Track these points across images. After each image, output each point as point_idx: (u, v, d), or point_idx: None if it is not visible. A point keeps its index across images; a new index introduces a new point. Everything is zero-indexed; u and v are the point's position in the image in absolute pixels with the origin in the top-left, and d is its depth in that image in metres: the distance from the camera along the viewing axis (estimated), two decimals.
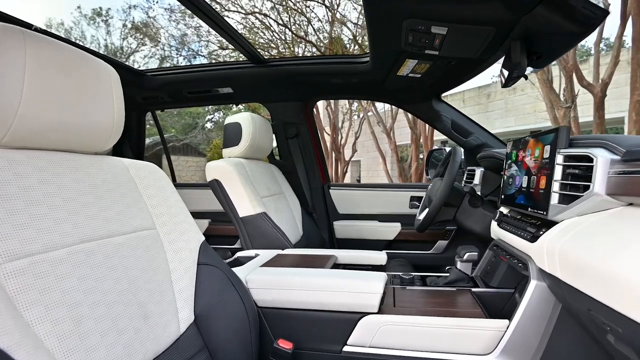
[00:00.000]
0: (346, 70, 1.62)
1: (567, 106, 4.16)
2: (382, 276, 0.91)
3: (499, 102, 9.65)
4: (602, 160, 0.67)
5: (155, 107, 2.16)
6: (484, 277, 1.09)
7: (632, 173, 0.62)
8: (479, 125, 1.78)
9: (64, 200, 0.60)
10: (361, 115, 11.13)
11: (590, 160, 0.69)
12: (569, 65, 4.12)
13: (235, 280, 0.88)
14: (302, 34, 7.95)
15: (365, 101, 9.52)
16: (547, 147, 0.83)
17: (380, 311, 0.86)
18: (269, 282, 0.93)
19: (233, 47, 8.38)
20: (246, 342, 0.81)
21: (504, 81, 1.09)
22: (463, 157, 1.79)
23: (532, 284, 0.79)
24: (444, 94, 1.82)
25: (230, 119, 1.61)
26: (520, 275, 0.98)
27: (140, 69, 1.86)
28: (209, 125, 16.74)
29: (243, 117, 1.58)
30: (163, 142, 2.40)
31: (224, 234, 2.15)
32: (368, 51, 1.39)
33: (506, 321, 0.80)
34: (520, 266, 0.88)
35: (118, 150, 2.13)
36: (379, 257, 1.25)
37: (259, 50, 1.62)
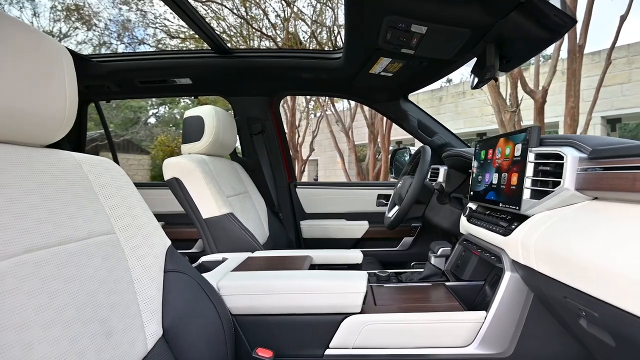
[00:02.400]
0: (317, 65, 1.60)
1: (512, 110, 4.54)
2: (363, 275, 0.91)
3: (449, 105, 10.29)
4: (572, 158, 0.72)
5: (100, 98, 1.97)
6: (455, 271, 1.14)
7: (598, 170, 0.67)
8: (442, 125, 1.86)
9: (8, 202, 0.51)
10: (319, 114, 11.22)
11: (561, 157, 0.74)
12: (514, 73, 4.50)
13: (207, 288, 0.82)
14: (256, 27, 7.80)
15: (323, 100, 9.61)
16: (519, 146, 0.88)
17: (362, 311, 0.86)
18: (244, 288, 0.89)
19: (183, 37, 8.04)
20: (221, 355, 0.76)
21: (474, 83, 1.15)
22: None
23: (507, 276, 0.83)
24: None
25: (191, 112, 1.51)
26: (490, 268, 1.03)
27: (83, 53, 1.68)
28: (152, 120, 15.79)
29: (206, 111, 1.49)
30: (108, 137, 2.19)
31: (181, 238, 2.02)
32: (339, 47, 1.39)
33: (483, 313, 0.83)
34: (493, 259, 0.93)
35: (54, 146, 1.91)
36: (355, 255, 1.25)
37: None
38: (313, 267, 1.21)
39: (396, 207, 1.58)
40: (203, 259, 1.24)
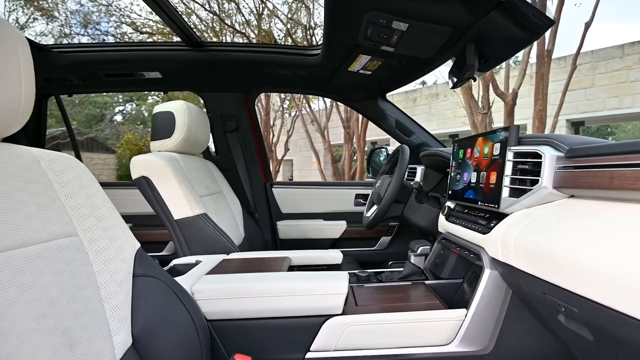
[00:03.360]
0: (294, 61, 1.58)
1: (484, 112, 4.71)
2: (344, 275, 0.90)
3: (423, 106, 10.56)
4: (550, 157, 0.75)
5: (61, 91, 1.85)
6: (434, 269, 1.16)
7: (575, 168, 0.70)
8: (419, 125, 1.89)
9: None
10: (294, 114, 11.18)
11: (539, 156, 0.76)
12: (486, 76, 4.68)
13: (180, 292, 0.78)
14: (229, 22, 7.66)
15: (298, 99, 9.58)
16: (497, 145, 0.90)
17: (344, 312, 0.85)
18: (220, 292, 0.85)
19: (151, 31, 7.75)
20: None
21: (452, 83, 1.17)
22: None
23: (486, 273, 0.85)
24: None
25: (160, 108, 1.45)
26: (468, 266, 1.06)
27: (43, 43, 1.57)
28: (119, 117, 15.14)
29: (177, 106, 1.43)
30: (71, 134, 2.06)
31: (150, 240, 1.94)
32: (318, 44, 1.38)
33: (464, 310, 0.85)
34: (472, 257, 0.94)
35: (8, 141, 1.78)
36: (335, 256, 1.24)
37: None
38: (292, 268, 1.19)
39: (375, 207, 1.59)
40: (175, 262, 1.19)
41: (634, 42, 7.27)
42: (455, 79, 1.19)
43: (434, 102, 10.25)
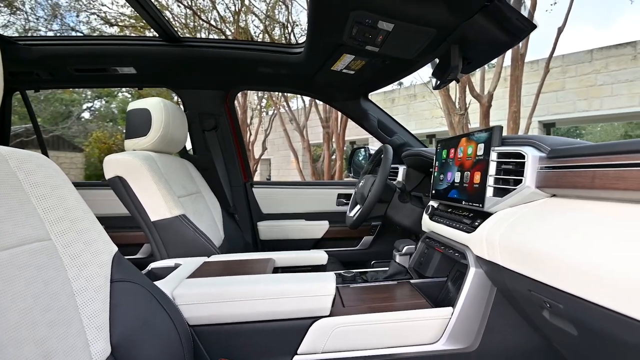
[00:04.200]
0: (276, 59, 1.56)
1: (461, 113, 4.85)
2: (331, 276, 0.89)
3: (401, 107, 10.74)
4: (532, 157, 0.77)
5: (27, 86, 1.74)
6: (418, 268, 1.18)
7: (556, 168, 0.73)
8: (401, 125, 1.92)
9: None
10: (272, 112, 11.09)
11: (522, 157, 0.79)
12: (463, 78, 4.81)
13: (161, 298, 0.75)
14: (205, 18, 7.51)
15: (276, 97, 9.51)
16: (481, 146, 0.93)
17: (331, 313, 0.85)
18: (203, 296, 0.83)
19: (122, 24, 7.46)
20: None
21: (434, 84, 1.19)
22: None
23: (472, 271, 0.87)
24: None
25: (136, 105, 1.40)
26: (452, 264, 1.08)
27: (8, 35, 1.48)
28: (87, 114, 14.52)
29: (153, 103, 1.39)
30: (37, 131, 1.94)
31: (124, 243, 1.86)
32: (301, 42, 1.37)
33: (450, 309, 0.86)
34: (457, 255, 0.97)
35: None
36: (320, 256, 1.24)
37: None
38: (276, 270, 1.17)
39: (358, 206, 1.60)
40: (152, 265, 1.15)
41: (602, 47, 7.71)
42: (438, 81, 1.21)
43: (412, 102, 10.45)
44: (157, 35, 1.49)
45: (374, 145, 2.27)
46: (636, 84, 7.24)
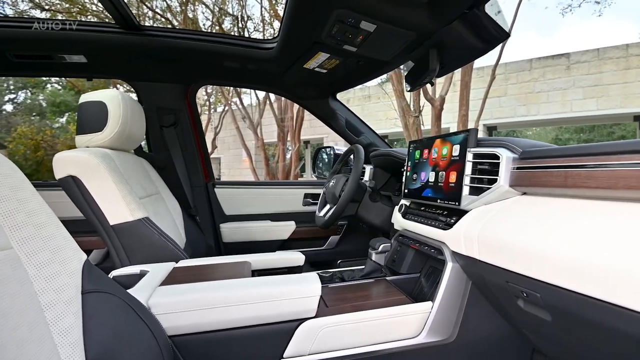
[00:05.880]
0: (245, 54, 1.53)
1: (415, 115, 5.10)
2: (315, 277, 0.90)
3: (356, 108, 11.02)
4: (506, 158, 0.85)
5: None
6: (392, 266, 1.23)
7: (527, 168, 0.81)
8: (368, 125, 1.98)
9: None
10: (223, 109, 10.77)
11: (497, 157, 0.86)
12: None
13: (138, 308, 0.71)
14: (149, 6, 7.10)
15: (227, 92, 9.25)
16: (457, 147, 1.00)
17: (317, 314, 0.86)
18: (181, 304, 0.79)
19: (54, 9, 6.76)
20: None
21: (409, 87, 1.25)
22: None
23: (449, 266, 0.93)
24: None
25: (89, 97, 1.29)
26: (424, 260, 1.14)
27: None
28: (9, 107, 12.96)
29: (110, 96, 1.29)
30: None
31: None
32: (274, 37, 1.36)
33: (430, 303, 0.91)
34: (433, 252, 1.03)
35: None
36: (297, 257, 1.23)
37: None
38: (253, 273, 1.16)
39: (328, 206, 1.62)
40: (114, 273, 1.07)
41: (540, 57, 8.60)
42: (412, 83, 1.27)
43: (367, 103, 10.78)
44: (115, 22, 1.38)
45: (329, 144, 2.32)
46: (568, 92, 8.19)
